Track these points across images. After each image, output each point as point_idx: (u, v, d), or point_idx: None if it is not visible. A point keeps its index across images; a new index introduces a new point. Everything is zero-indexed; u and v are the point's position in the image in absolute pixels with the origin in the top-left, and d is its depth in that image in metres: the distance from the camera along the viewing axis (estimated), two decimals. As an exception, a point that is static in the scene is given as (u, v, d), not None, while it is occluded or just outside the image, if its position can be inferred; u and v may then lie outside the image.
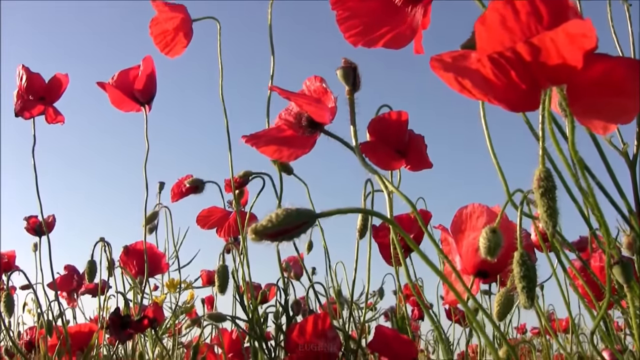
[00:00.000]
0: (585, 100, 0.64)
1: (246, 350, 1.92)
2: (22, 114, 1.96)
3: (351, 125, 1.05)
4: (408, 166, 1.45)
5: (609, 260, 0.88)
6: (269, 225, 0.65)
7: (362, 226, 1.51)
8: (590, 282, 1.14)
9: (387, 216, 0.81)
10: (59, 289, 2.71)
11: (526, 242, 0.94)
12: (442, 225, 1.23)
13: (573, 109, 0.65)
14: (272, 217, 0.65)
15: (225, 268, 1.64)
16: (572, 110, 0.65)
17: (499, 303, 0.98)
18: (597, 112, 0.65)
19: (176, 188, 1.84)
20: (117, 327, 1.67)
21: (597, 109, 0.65)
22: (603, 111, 0.65)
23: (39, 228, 2.34)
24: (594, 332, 0.97)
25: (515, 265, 0.79)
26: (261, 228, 0.65)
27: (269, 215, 0.66)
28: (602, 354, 1.08)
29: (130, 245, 2.18)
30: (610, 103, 0.64)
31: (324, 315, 1.49)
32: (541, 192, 0.74)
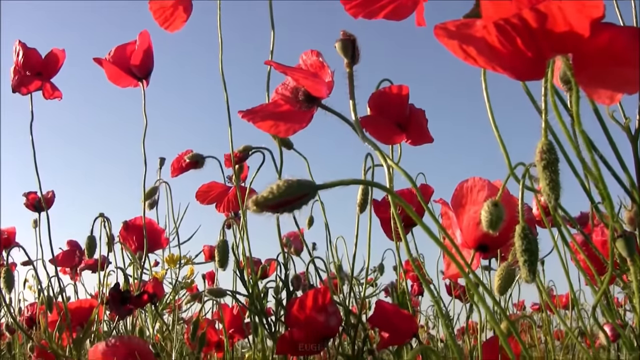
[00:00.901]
0: (591, 70, 0.64)
1: (246, 326, 1.93)
2: (19, 89, 1.95)
3: (350, 99, 1.04)
4: (409, 140, 1.45)
5: (612, 234, 0.88)
6: (269, 197, 0.64)
7: (362, 200, 1.50)
8: (592, 256, 1.14)
9: (387, 187, 0.80)
10: (61, 264, 2.72)
11: (527, 216, 0.94)
12: (442, 200, 1.23)
13: (578, 79, 0.64)
14: (273, 189, 0.65)
15: (225, 243, 1.63)
16: (578, 80, 0.64)
17: (500, 277, 0.98)
18: (602, 81, 0.64)
19: (176, 163, 1.83)
20: (117, 302, 1.67)
21: (602, 79, 0.64)
22: (608, 81, 0.64)
23: (38, 204, 2.34)
24: (596, 307, 0.97)
25: (516, 238, 0.79)
26: (262, 199, 0.65)
27: (270, 186, 0.65)
28: (604, 328, 1.08)
29: (129, 220, 2.18)
30: (614, 72, 0.63)
31: (324, 289, 1.49)
32: (543, 165, 0.73)
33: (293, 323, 1.50)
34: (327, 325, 1.48)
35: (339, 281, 1.77)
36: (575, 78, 0.64)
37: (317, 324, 1.47)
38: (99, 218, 1.99)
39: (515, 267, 0.98)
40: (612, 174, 0.92)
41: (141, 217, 2.10)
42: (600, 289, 0.92)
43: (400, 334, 1.53)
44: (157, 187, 2.07)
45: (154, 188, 2.05)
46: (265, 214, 0.66)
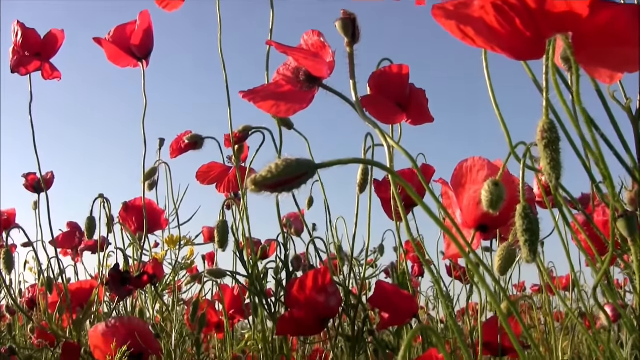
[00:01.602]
0: (591, 49, 0.63)
1: (247, 307, 1.93)
2: (17, 70, 1.95)
3: (350, 79, 1.04)
4: (409, 120, 1.44)
5: (613, 214, 0.87)
6: (268, 176, 0.64)
7: (362, 180, 1.50)
8: (593, 236, 1.14)
9: (387, 166, 0.79)
10: (61, 245, 2.72)
11: (528, 196, 0.93)
12: (442, 179, 1.22)
13: (578, 58, 0.64)
14: (271, 168, 0.64)
15: (225, 223, 1.63)
16: (578, 59, 0.64)
17: (500, 257, 0.97)
18: (602, 60, 0.64)
19: (175, 144, 1.82)
20: (117, 283, 1.67)
21: (602, 58, 0.63)
22: (608, 60, 0.64)
23: (37, 185, 2.34)
24: (597, 287, 0.96)
25: (517, 218, 0.78)
26: (260, 179, 0.64)
27: (269, 165, 0.65)
28: (605, 308, 1.08)
29: (129, 201, 2.17)
30: (614, 52, 0.63)
31: (324, 270, 1.49)
32: (545, 144, 0.73)
33: (293, 303, 1.50)
34: (327, 305, 1.48)
35: (339, 262, 1.77)
36: (575, 57, 0.64)
37: (317, 304, 1.47)
38: (99, 199, 1.99)
39: (516, 248, 0.97)
40: (614, 153, 0.92)
41: (141, 198, 2.10)
42: (601, 269, 0.92)
43: (400, 315, 1.53)
44: (157, 167, 2.07)
45: (153, 169, 2.05)
46: (264, 194, 0.65)
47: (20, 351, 1.94)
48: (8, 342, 2.19)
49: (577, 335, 2.24)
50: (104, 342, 1.59)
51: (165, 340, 1.71)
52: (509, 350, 1.56)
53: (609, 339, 1.09)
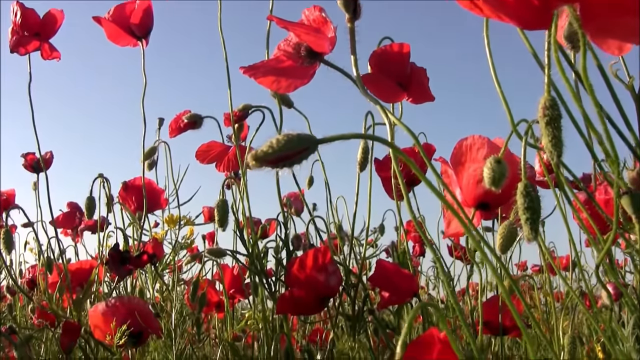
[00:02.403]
0: (598, 20, 0.62)
1: (247, 286, 1.92)
2: (17, 50, 1.94)
3: (351, 55, 1.03)
4: (410, 99, 1.44)
5: (617, 190, 0.87)
6: (269, 151, 0.63)
7: (362, 158, 1.49)
8: (594, 215, 1.13)
9: (388, 141, 0.79)
10: (62, 226, 2.72)
11: (529, 174, 0.93)
12: (442, 158, 1.22)
13: (586, 29, 0.63)
14: (272, 143, 0.64)
15: (225, 202, 1.63)
16: (586, 30, 0.63)
17: (502, 235, 0.97)
18: (610, 31, 0.63)
19: (174, 123, 1.81)
20: (117, 262, 1.66)
21: (610, 29, 0.63)
22: (616, 31, 0.63)
23: (36, 165, 2.33)
24: (599, 265, 0.96)
25: (519, 196, 0.78)
26: (261, 154, 0.63)
27: (270, 140, 0.64)
28: (607, 287, 1.07)
29: (129, 181, 2.17)
30: (622, 23, 0.62)
31: (324, 249, 1.48)
32: (546, 121, 0.73)
33: (293, 282, 1.49)
34: (327, 284, 1.48)
35: (339, 241, 1.77)
36: (582, 29, 0.63)
37: (317, 283, 1.47)
38: (98, 179, 1.99)
39: (517, 226, 0.97)
40: (616, 131, 0.91)
41: (140, 178, 2.10)
42: (604, 247, 0.91)
43: (400, 294, 1.52)
44: (156, 147, 2.06)
45: (153, 148, 2.04)
46: (265, 169, 0.65)
47: (20, 331, 1.95)
48: (8, 322, 2.19)
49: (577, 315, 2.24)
50: (104, 322, 1.59)
51: (165, 319, 1.71)
52: (510, 330, 1.56)
53: (611, 317, 1.08)
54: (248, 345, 2.07)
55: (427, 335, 1.10)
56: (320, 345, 1.70)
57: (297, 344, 2.09)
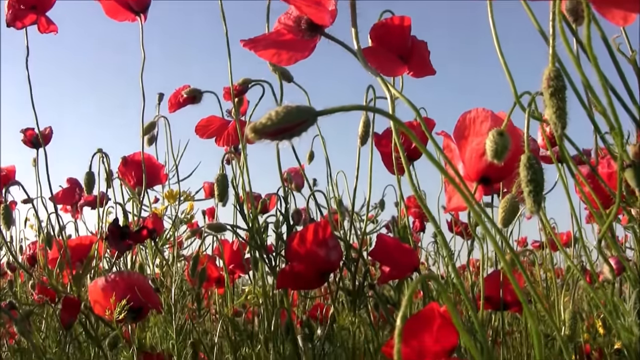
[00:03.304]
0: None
1: (247, 261, 1.92)
2: (13, 23, 1.93)
3: (352, 28, 1.02)
4: (411, 72, 1.43)
5: (620, 163, 0.86)
6: (268, 123, 0.63)
7: (363, 132, 1.49)
8: (597, 189, 1.12)
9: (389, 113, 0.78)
10: (62, 202, 2.72)
11: (532, 148, 0.92)
12: (444, 132, 1.21)
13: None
14: (271, 115, 0.63)
15: (225, 177, 1.62)
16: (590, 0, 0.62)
17: (503, 209, 0.96)
18: (615, 1, 0.62)
19: (173, 98, 1.80)
20: (116, 237, 1.66)
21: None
22: (620, 0, 0.62)
23: (36, 140, 2.32)
24: (602, 239, 0.95)
25: (522, 168, 0.77)
26: (260, 126, 0.63)
27: (269, 113, 0.63)
28: (609, 261, 1.07)
29: (128, 156, 2.16)
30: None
31: (324, 223, 1.47)
32: (550, 92, 0.72)
33: (293, 257, 1.49)
34: (327, 259, 1.47)
35: (340, 216, 1.76)
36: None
37: (318, 258, 1.47)
38: (97, 154, 1.98)
39: (519, 200, 0.96)
40: (620, 103, 0.90)
41: (140, 153, 2.09)
42: (607, 221, 0.90)
43: (401, 268, 1.52)
44: (156, 121, 2.05)
45: (152, 123, 2.03)
46: (264, 142, 0.64)
47: (20, 307, 1.94)
48: (9, 298, 2.19)
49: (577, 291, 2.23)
50: (104, 297, 1.59)
51: (165, 294, 1.71)
52: (510, 305, 1.56)
53: (612, 292, 1.08)
54: (248, 321, 2.07)
55: (428, 309, 1.10)
56: (320, 321, 1.70)
57: (297, 319, 2.09)
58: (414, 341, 1.09)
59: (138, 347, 1.65)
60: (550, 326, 1.84)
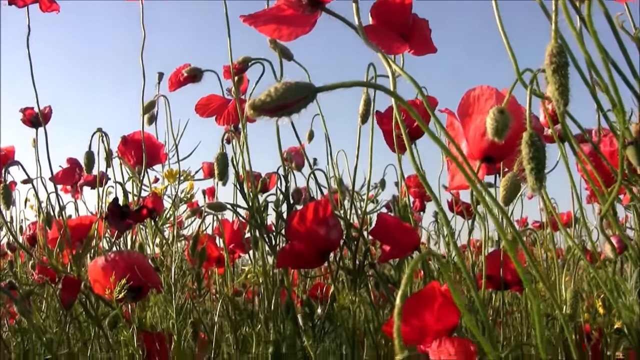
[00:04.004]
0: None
1: (247, 241, 1.92)
2: (15, 1, 1.91)
3: (353, 2, 1.01)
4: (412, 51, 1.41)
5: (622, 141, 0.85)
6: (267, 100, 0.62)
7: (364, 111, 1.48)
8: (599, 167, 1.11)
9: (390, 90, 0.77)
10: (62, 182, 2.71)
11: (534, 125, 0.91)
12: (448, 109, 1.20)
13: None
14: (271, 92, 0.62)
15: (224, 156, 1.61)
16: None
17: (505, 187, 0.95)
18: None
19: (174, 77, 1.80)
20: (116, 217, 1.65)
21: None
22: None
23: (35, 119, 2.31)
24: (604, 217, 0.95)
25: (524, 146, 0.76)
26: (260, 103, 0.62)
27: (268, 89, 0.63)
28: (611, 239, 1.06)
29: (128, 135, 2.15)
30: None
31: (324, 202, 1.47)
32: (553, 69, 0.72)
33: (293, 236, 1.48)
34: (327, 238, 1.47)
35: (340, 195, 1.76)
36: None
37: (318, 236, 1.46)
38: (97, 133, 1.97)
39: (521, 179, 0.96)
40: (623, 79, 0.90)
41: (140, 132, 2.08)
42: (610, 198, 0.90)
43: (402, 247, 1.51)
44: (156, 100, 2.04)
45: (152, 101, 2.03)
46: (264, 118, 0.64)
47: (21, 287, 1.95)
48: (9, 278, 2.19)
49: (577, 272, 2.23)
50: (104, 276, 1.58)
51: (165, 274, 1.70)
52: (511, 284, 1.55)
53: (614, 270, 1.07)
54: (248, 300, 2.07)
55: (429, 288, 1.10)
56: (320, 300, 1.69)
57: (297, 298, 2.09)
58: (415, 320, 1.08)
59: (138, 326, 1.65)
60: (550, 305, 1.84)
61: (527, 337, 2.09)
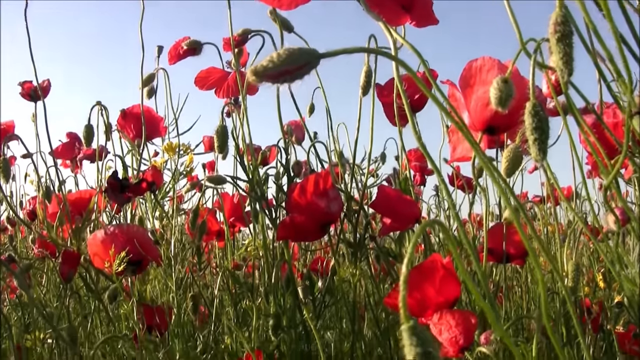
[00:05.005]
0: None
1: (247, 214, 1.91)
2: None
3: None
4: (413, 22, 1.40)
5: (628, 111, 0.84)
6: (269, 66, 0.61)
7: (365, 82, 1.47)
8: (602, 139, 1.11)
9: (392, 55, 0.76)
10: (61, 156, 2.70)
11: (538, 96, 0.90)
12: (449, 80, 1.19)
13: None
14: (273, 57, 0.61)
15: (224, 128, 1.60)
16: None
17: (507, 159, 0.95)
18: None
19: (173, 50, 1.79)
20: (115, 190, 1.64)
21: None
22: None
23: (34, 93, 2.30)
24: (608, 188, 0.94)
25: (527, 116, 0.75)
26: (261, 68, 0.61)
27: (270, 55, 0.62)
28: (614, 211, 1.05)
29: (127, 108, 2.14)
30: None
31: (325, 174, 1.46)
32: (557, 38, 0.71)
33: (294, 208, 1.48)
34: (328, 210, 1.46)
35: (340, 168, 1.75)
36: None
37: (318, 209, 1.45)
38: (96, 106, 1.96)
39: (523, 151, 0.95)
40: (628, 49, 0.89)
41: (139, 105, 2.07)
42: (614, 169, 0.89)
43: (403, 220, 1.51)
44: (155, 73, 2.03)
45: (151, 74, 2.01)
46: (265, 85, 0.63)
47: (20, 261, 1.94)
48: (8, 252, 2.19)
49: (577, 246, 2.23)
50: (103, 249, 1.58)
51: (165, 247, 1.70)
52: (513, 257, 1.55)
53: (617, 242, 1.07)
54: (249, 274, 2.07)
55: (430, 261, 1.09)
56: (321, 274, 1.69)
57: (298, 272, 2.09)
58: (416, 293, 1.08)
59: (138, 299, 1.65)
60: (550, 280, 1.84)
61: (527, 311, 2.09)
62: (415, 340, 0.50)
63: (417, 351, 0.50)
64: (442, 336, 1.02)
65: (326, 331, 1.72)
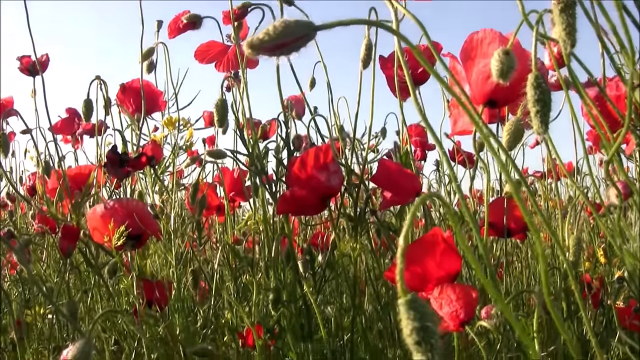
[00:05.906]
0: None
1: (247, 189, 1.91)
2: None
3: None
4: (414, -5, 1.39)
5: (631, 83, 0.83)
6: (266, 39, 0.60)
7: (365, 55, 1.46)
8: (604, 112, 1.10)
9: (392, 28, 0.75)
10: (61, 132, 2.70)
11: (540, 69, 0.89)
12: (450, 53, 1.18)
13: None
14: (269, 30, 0.60)
15: (224, 102, 1.59)
16: None
17: (508, 132, 0.94)
18: None
19: (173, 24, 1.77)
20: (115, 164, 1.64)
21: None
22: None
23: (32, 68, 2.29)
24: (610, 161, 0.93)
25: (529, 88, 0.75)
26: (258, 42, 0.60)
27: (267, 28, 0.61)
28: (617, 185, 1.05)
29: (126, 82, 2.13)
30: None
31: (325, 147, 1.45)
32: (561, 8, 0.70)
33: (294, 182, 1.47)
34: (328, 184, 1.45)
35: (341, 142, 1.74)
36: None
37: (319, 182, 1.45)
38: (96, 81, 1.95)
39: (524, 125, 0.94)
40: (632, 20, 0.88)
41: (138, 80, 2.06)
42: (617, 142, 0.88)
43: (403, 194, 1.50)
44: (155, 47, 2.02)
45: (151, 48, 2.00)
46: (262, 57, 0.62)
47: (20, 237, 1.94)
48: (8, 227, 2.19)
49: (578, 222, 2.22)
50: (103, 224, 1.58)
51: (165, 222, 1.70)
52: (514, 232, 1.55)
53: (619, 216, 1.06)
54: (249, 249, 2.07)
55: (431, 234, 1.09)
56: (321, 249, 1.69)
57: (298, 247, 2.08)
58: (417, 267, 1.08)
59: (138, 274, 1.65)
60: (550, 256, 1.84)
61: (527, 286, 2.09)
62: (413, 314, 0.50)
63: (414, 325, 0.49)
64: (443, 310, 1.02)
65: (326, 306, 1.72)
